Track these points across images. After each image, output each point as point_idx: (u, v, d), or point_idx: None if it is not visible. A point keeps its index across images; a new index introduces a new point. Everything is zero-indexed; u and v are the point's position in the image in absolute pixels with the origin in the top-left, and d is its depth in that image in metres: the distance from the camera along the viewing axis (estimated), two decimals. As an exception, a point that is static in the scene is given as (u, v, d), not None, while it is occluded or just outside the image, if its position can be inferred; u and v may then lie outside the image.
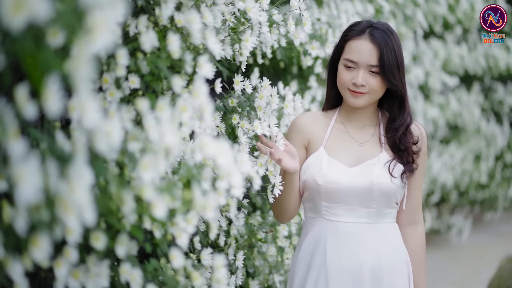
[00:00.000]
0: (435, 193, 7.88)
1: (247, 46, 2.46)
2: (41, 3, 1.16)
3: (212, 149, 1.74)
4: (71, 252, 1.62)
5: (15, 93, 1.28)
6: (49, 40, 1.28)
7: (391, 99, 2.85)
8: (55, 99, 1.26)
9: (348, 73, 2.74)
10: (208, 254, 2.21)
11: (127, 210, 1.64)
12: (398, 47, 2.76)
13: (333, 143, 2.84)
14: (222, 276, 1.97)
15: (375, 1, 5.49)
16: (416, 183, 2.87)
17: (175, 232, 1.84)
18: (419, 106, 7.03)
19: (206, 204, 1.75)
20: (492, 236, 8.89)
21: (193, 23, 2.01)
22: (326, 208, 2.79)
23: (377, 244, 2.77)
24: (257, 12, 2.39)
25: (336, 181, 2.74)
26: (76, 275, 1.69)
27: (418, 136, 2.84)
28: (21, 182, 1.22)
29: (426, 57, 7.31)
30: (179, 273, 1.98)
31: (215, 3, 2.34)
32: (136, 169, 1.59)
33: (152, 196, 1.61)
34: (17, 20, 1.16)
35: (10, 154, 1.22)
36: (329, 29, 3.96)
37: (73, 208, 1.33)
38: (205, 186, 1.83)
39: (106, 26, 1.26)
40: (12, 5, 1.16)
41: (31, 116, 1.29)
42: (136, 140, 1.71)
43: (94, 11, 1.25)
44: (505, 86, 9.50)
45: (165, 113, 1.68)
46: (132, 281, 1.81)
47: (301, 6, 2.66)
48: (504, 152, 9.38)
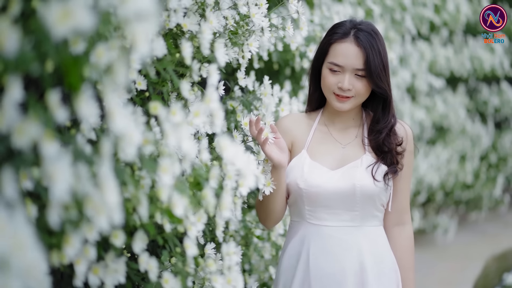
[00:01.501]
0: (421, 193, 7.89)
1: (250, 50, 2.52)
2: (86, 14, 1.24)
3: (231, 151, 1.82)
4: (90, 250, 1.70)
5: (48, 98, 1.35)
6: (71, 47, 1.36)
7: (376, 100, 2.80)
8: (88, 104, 1.35)
9: (334, 77, 2.70)
10: (212, 248, 2.29)
11: (143, 210, 1.72)
12: (383, 48, 2.72)
13: (315, 146, 2.80)
14: (234, 262, 2.07)
15: (364, 4, 5.55)
16: (403, 184, 2.83)
17: (186, 226, 1.94)
18: (406, 108, 7.07)
19: (223, 204, 1.84)
20: (477, 236, 8.88)
21: (204, 34, 2.08)
22: (309, 212, 2.76)
23: (362, 248, 2.72)
24: (260, 17, 2.46)
25: (317, 184, 2.71)
26: (96, 271, 1.78)
27: (402, 137, 2.79)
28: (55, 180, 1.29)
29: (413, 59, 7.34)
30: (188, 264, 2.07)
31: (219, 8, 2.41)
32: (156, 172, 1.67)
33: (173, 196, 1.69)
34: (62, 29, 1.23)
35: (44, 154, 1.29)
36: (322, 31, 4.03)
37: (103, 209, 1.41)
38: (213, 184, 1.92)
39: (145, 36, 1.34)
40: (60, 14, 1.24)
41: (62, 120, 1.37)
42: (150, 143, 1.79)
43: (133, 23, 1.33)
44: (490, 87, 9.57)
45: (179, 118, 1.76)
46: (149, 270, 1.92)
47: (300, 10, 2.68)
48: (488, 153, 9.42)
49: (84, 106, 1.35)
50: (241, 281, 2.14)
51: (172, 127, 1.72)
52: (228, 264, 2.10)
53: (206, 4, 2.30)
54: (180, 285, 2.00)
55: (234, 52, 2.54)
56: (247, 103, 2.85)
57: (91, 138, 1.84)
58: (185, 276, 2.07)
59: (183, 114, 1.80)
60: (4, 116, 1.28)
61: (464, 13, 8.03)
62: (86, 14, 1.25)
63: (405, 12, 6.77)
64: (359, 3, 5.49)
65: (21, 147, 1.28)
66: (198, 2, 2.31)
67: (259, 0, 2.46)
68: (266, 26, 2.53)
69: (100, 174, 1.41)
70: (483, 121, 9.50)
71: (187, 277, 2.09)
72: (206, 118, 1.88)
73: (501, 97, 9.53)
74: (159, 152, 1.86)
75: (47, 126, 1.28)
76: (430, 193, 8.26)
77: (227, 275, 2.11)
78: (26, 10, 1.37)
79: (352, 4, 5.26)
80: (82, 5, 1.27)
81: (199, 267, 2.14)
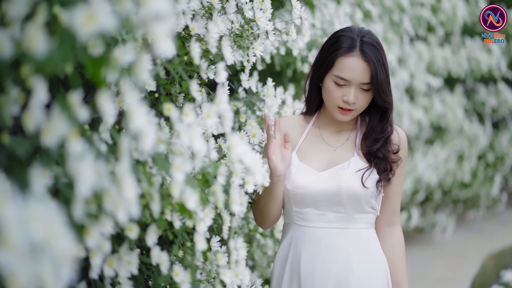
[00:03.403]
0: (420, 192, 7.93)
1: (255, 53, 2.59)
2: (109, 16, 1.35)
3: (239, 149, 1.92)
4: (105, 244, 1.79)
5: (69, 99, 1.44)
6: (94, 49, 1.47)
7: (374, 108, 2.78)
8: (109, 103, 1.45)
9: (339, 90, 2.68)
10: (216, 241, 2.36)
11: (155, 206, 1.81)
12: (386, 60, 2.71)
13: (306, 148, 2.80)
14: (241, 257, 2.17)
15: (363, 6, 5.60)
16: (395, 187, 2.81)
17: (195, 221, 2.04)
18: (404, 108, 7.11)
19: (232, 200, 1.94)
20: (475, 234, 8.92)
21: (211, 33, 2.18)
22: (296, 214, 2.76)
23: (349, 250, 2.70)
24: (265, 21, 2.54)
25: (303, 186, 2.71)
26: (111, 262, 1.87)
27: (398, 145, 2.77)
28: (80, 177, 1.39)
29: (411, 60, 7.38)
30: (197, 258, 2.17)
31: (226, 12, 2.49)
32: (169, 170, 1.76)
33: (186, 192, 1.78)
34: (87, 31, 1.34)
35: (70, 152, 1.39)
36: (323, 35, 4.10)
37: (122, 203, 1.51)
38: (221, 181, 2.02)
39: (165, 35, 1.45)
40: (85, 17, 1.34)
41: (84, 119, 1.46)
42: (163, 142, 1.88)
43: (154, 23, 1.44)
44: (487, 87, 9.64)
45: (191, 118, 1.85)
46: (161, 263, 2.02)
47: (303, 15, 2.72)
48: (486, 152, 9.49)
49: (105, 104, 1.45)
50: (248, 275, 2.23)
51: (185, 127, 1.82)
52: (235, 258, 2.20)
53: (213, 8, 2.38)
54: (190, 277, 2.09)
55: (239, 54, 2.61)
56: (250, 104, 2.94)
57: (107, 139, 1.94)
58: (195, 270, 2.16)
59: (195, 115, 1.89)
60: (31, 116, 1.37)
61: (460, 15, 8.09)
62: (109, 16, 1.35)
63: (403, 13, 6.83)
64: (358, 4, 5.55)
65: (49, 145, 1.37)
66: (205, 6, 2.40)
67: (264, 5, 2.53)
68: (270, 29, 2.59)
69: (118, 170, 1.51)
70: (481, 121, 9.56)
71: (196, 270, 2.18)
72: (216, 119, 1.97)
73: (498, 98, 9.58)
74: (169, 151, 1.95)
75: (73, 125, 1.38)
76: (428, 192, 8.30)
77: (234, 269, 2.20)
78: (49, 16, 1.46)
79: (351, 4, 5.31)
80: (104, 8, 1.37)
81: (208, 261, 2.22)
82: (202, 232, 2.06)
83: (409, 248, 7.46)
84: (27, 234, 1.17)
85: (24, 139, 1.50)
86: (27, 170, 1.42)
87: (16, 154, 1.48)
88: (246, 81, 2.83)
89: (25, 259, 1.16)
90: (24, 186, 1.43)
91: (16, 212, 1.17)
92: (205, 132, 2.36)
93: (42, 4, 1.39)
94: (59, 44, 1.36)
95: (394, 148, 2.77)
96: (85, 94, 2.14)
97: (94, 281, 2.00)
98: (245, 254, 2.25)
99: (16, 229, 1.15)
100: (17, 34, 1.39)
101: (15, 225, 1.15)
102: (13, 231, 1.15)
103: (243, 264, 2.19)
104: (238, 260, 2.18)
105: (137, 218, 1.62)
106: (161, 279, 2.11)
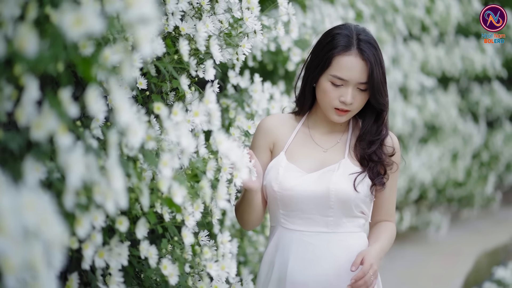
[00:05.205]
0: (414, 190, 7.96)
1: (243, 51, 2.66)
2: (97, 19, 1.42)
3: (225, 146, 2.01)
4: (97, 236, 1.87)
5: (60, 96, 1.52)
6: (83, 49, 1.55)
7: (369, 109, 2.71)
8: (97, 101, 1.54)
9: (335, 90, 2.60)
10: (205, 235, 2.40)
11: (144, 200, 1.89)
12: (382, 59, 2.65)
13: (295, 148, 2.72)
14: (228, 250, 2.24)
15: (355, 6, 5.65)
16: (389, 190, 2.74)
17: (184, 216, 2.12)
18: (398, 107, 7.15)
19: (219, 194, 2.03)
20: (469, 233, 8.95)
21: (200, 32, 2.26)
22: (283, 216, 2.68)
23: (337, 255, 2.63)
24: (253, 21, 2.61)
25: (291, 187, 2.62)
26: (102, 254, 1.95)
27: (393, 148, 2.71)
28: (70, 169, 1.47)
29: (405, 59, 7.40)
30: (186, 251, 2.24)
31: (215, 13, 2.56)
32: (158, 165, 1.85)
33: (173, 187, 1.87)
34: (76, 33, 1.41)
35: (60, 145, 1.46)
36: (313, 34, 4.15)
37: (110, 194, 1.59)
38: (210, 176, 2.10)
39: (147, 38, 1.53)
40: (73, 19, 1.42)
41: (74, 115, 1.54)
42: (152, 139, 1.96)
43: (137, 26, 1.52)
44: (481, 87, 9.69)
45: (180, 117, 1.93)
46: (149, 257, 2.10)
47: (290, 12, 2.73)
48: (480, 151, 9.53)
49: (93, 102, 1.54)
50: (234, 268, 2.30)
51: (173, 125, 1.90)
52: (222, 252, 2.27)
53: (203, 9, 2.46)
54: (178, 270, 2.17)
55: (228, 53, 2.67)
56: (239, 100, 3.02)
57: (99, 135, 2.02)
58: (183, 263, 2.24)
59: (183, 114, 1.98)
60: (24, 112, 1.45)
61: (454, 15, 8.14)
62: (96, 19, 1.43)
63: (396, 13, 6.88)
64: (352, 4, 5.60)
65: (39, 139, 1.45)
66: (195, 7, 2.47)
67: (251, 4, 2.58)
68: (258, 29, 2.64)
69: (107, 163, 1.59)
70: (475, 121, 9.60)
71: (185, 263, 2.25)
72: (204, 117, 2.05)
73: (492, 97, 9.63)
74: (159, 147, 2.04)
75: (62, 121, 1.45)
76: (422, 190, 8.33)
77: (221, 262, 2.28)
78: (40, 17, 1.54)
79: (344, 5, 5.36)
80: (92, 11, 1.44)
81: (196, 254, 2.30)
82: (190, 226, 2.14)
83: (403, 246, 7.59)
84: (21, 220, 1.26)
85: (17, 134, 1.58)
86: (20, 163, 1.50)
87: (10, 148, 1.56)
88: (234, 78, 2.91)
89: (18, 243, 1.25)
90: (18, 178, 1.51)
91: (10, 200, 1.26)
92: (194, 129, 2.43)
93: (32, 3, 1.47)
94: (50, 44, 1.43)
95: (390, 151, 2.71)
96: (79, 92, 2.21)
97: (85, 272, 2.09)
98: (231, 247, 2.33)
99: (10, 216, 1.24)
100: (10, 34, 1.47)
101: (9, 213, 1.24)
102: (7, 218, 1.24)
103: (229, 257, 2.26)
104: (224, 254, 2.25)
105: (125, 209, 1.69)
106: (150, 271, 2.18)
